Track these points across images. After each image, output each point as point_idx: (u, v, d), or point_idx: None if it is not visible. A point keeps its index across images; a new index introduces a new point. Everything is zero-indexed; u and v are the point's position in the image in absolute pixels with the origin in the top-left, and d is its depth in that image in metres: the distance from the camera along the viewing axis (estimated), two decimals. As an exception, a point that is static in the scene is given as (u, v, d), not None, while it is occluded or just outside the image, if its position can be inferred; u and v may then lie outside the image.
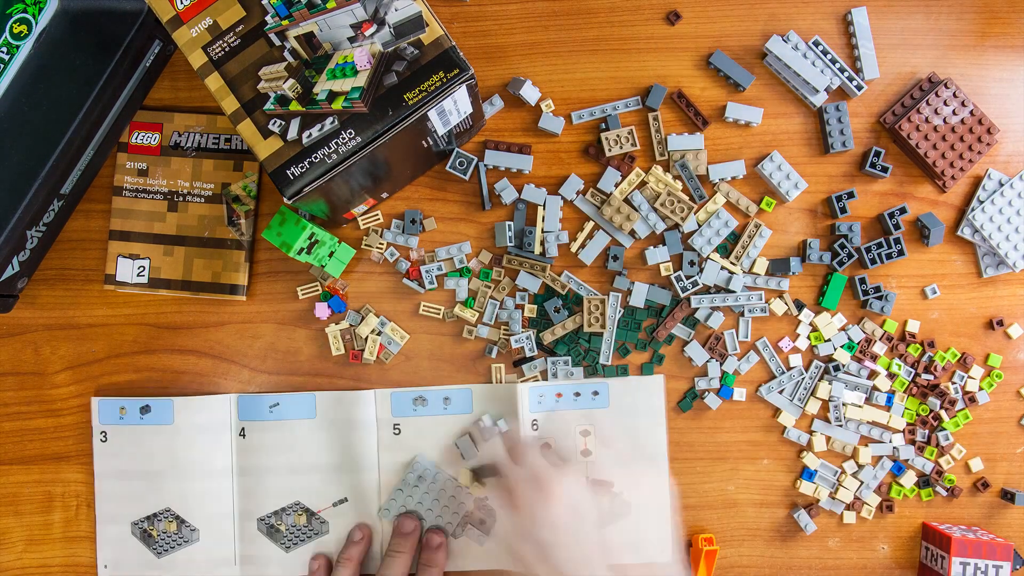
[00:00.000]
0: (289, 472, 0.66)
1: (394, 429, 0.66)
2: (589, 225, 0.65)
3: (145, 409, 0.66)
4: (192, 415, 0.66)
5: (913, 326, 0.66)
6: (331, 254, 0.64)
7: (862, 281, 0.65)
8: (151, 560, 0.66)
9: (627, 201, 0.66)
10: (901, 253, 0.65)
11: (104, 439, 0.66)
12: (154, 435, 0.66)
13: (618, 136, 0.65)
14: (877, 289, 0.65)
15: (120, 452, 0.66)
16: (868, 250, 0.65)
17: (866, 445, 0.66)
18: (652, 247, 0.66)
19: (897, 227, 0.65)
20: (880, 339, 0.66)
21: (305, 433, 0.66)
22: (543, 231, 0.66)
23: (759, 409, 0.67)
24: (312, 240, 0.61)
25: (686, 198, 0.65)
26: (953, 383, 0.66)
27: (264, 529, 0.66)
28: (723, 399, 0.66)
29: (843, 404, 0.65)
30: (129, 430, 0.66)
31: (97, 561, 0.67)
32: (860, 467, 0.66)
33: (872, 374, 0.66)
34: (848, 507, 0.66)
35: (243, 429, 0.66)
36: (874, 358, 0.66)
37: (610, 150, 0.65)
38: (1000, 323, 0.66)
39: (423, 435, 0.66)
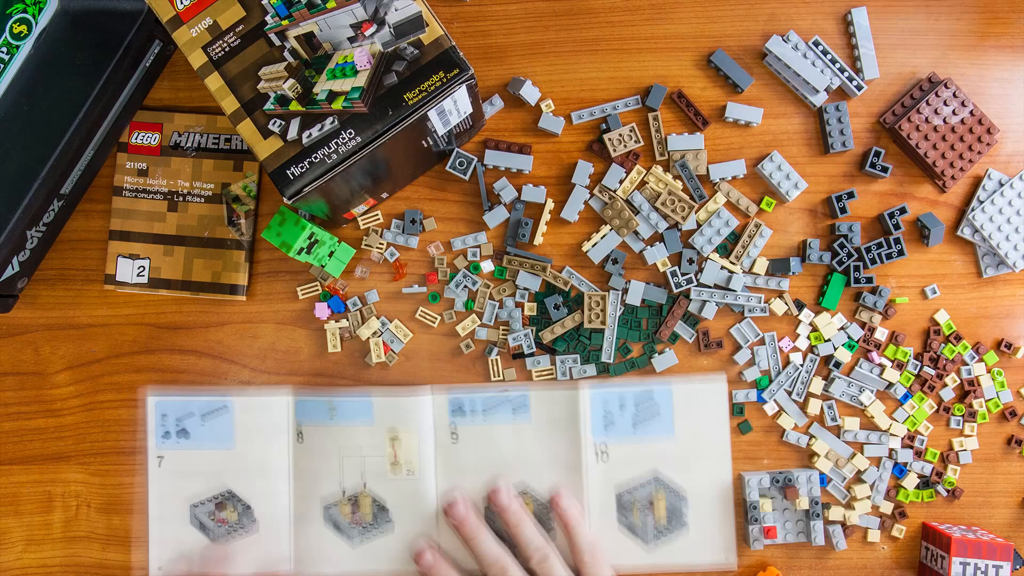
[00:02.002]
0: (347, 475, 0.65)
1: (452, 437, 0.65)
2: (606, 228, 0.65)
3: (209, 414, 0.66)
4: (251, 415, 0.65)
5: (918, 322, 0.66)
6: (331, 254, 0.64)
7: (859, 280, 0.65)
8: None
9: (628, 202, 0.66)
10: (901, 253, 0.65)
11: (166, 437, 0.66)
12: (214, 433, 0.65)
13: (621, 135, 0.65)
14: (870, 279, 0.65)
15: (182, 457, 0.66)
16: (868, 250, 0.65)
17: (861, 451, 0.66)
18: (650, 246, 0.66)
19: (897, 227, 0.65)
20: (884, 321, 0.66)
21: (363, 438, 0.64)
22: (546, 223, 0.66)
23: (759, 409, 0.67)
24: (312, 240, 0.61)
25: (687, 197, 0.65)
26: (957, 379, 0.66)
27: (329, 521, 0.64)
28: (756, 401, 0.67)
29: (841, 400, 0.65)
30: (192, 433, 0.66)
31: (149, 565, 0.65)
32: (862, 471, 0.66)
33: (881, 370, 0.66)
34: (847, 507, 0.66)
35: (300, 433, 0.65)
36: (878, 346, 0.66)
37: (615, 150, 0.65)
38: (1008, 346, 0.66)
39: (479, 443, 0.65)
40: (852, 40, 0.66)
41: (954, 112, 0.65)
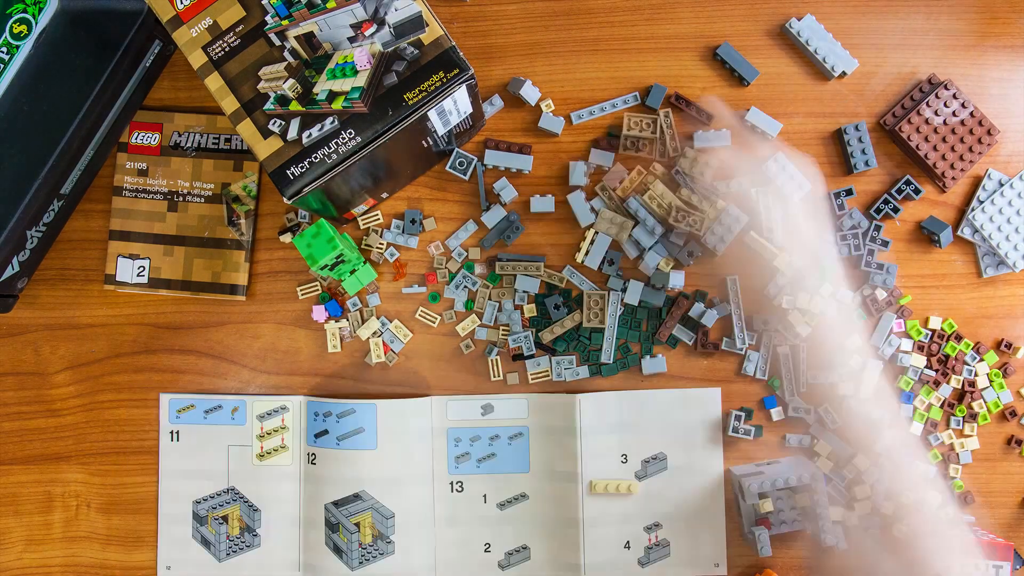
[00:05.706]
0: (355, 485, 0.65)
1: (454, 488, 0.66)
2: (590, 234, 0.65)
3: (214, 409, 0.67)
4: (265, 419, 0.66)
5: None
6: (353, 271, 0.63)
7: (870, 264, 0.65)
8: (211, 562, 0.66)
9: (624, 207, 0.66)
10: (884, 244, 0.65)
11: (175, 439, 0.67)
12: (224, 435, 0.66)
13: (638, 121, 0.65)
14: (880, 266, 0.65)
15: (189, 451, 0.67)
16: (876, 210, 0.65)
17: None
18: (648, 248, 0.65)
19: (879, 211, 0.65)
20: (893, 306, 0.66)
21: (369, 454, 0.65)
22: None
23: (761, 410, 0.67)
24: (338, 260, 0.60)
25: (697, 207, 0.64)
26: (960, 376, 0.66)
27: (330, 545, 0.65)
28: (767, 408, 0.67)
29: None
30: (198, 429, 0.66)
31: (158, 563, 0.67)
32: (863, 471, 0.66)
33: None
34: (847, 507, 0.66)
35: (313, 455, 0.66)
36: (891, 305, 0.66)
37: (629, 130, 0.65)
38: (1008, 346, 0.66)
39: (475, 446, 0.66)
40: (808, 47, 0.66)
41: (954, 113, 0.65)
